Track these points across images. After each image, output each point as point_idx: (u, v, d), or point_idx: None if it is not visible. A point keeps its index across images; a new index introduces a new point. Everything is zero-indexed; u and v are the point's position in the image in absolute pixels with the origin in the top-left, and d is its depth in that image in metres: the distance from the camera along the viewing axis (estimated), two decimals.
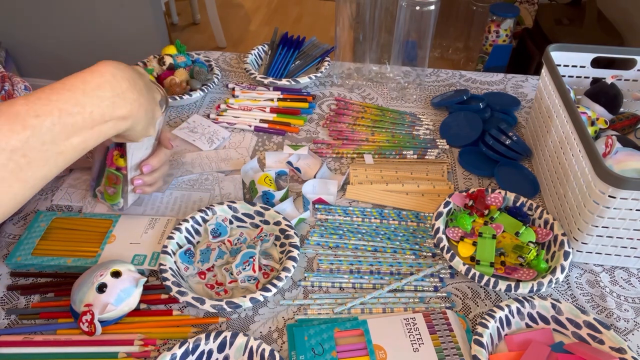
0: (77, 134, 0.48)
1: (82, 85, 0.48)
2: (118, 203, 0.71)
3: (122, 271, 0.59)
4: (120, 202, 0.71)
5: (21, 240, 0.68)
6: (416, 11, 0.92)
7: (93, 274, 0.59)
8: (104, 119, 0.50)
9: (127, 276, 0.59)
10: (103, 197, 0.72)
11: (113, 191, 0.70)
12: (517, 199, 0.74)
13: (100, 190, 0.72)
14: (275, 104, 0.97)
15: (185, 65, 0.99)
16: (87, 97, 0.48)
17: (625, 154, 0.68)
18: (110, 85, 0.50)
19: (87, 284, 0.58)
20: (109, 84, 0.50)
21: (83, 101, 0.48)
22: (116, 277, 0.59)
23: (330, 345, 0.57)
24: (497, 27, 2.05)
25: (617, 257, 0.68)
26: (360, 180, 0.81)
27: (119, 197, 0.70)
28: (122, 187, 0.69)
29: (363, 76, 1.08)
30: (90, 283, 0.58)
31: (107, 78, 0.50)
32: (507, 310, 0.59)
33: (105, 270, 0.59)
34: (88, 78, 0.49)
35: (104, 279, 0.58)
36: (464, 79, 1.08)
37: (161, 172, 0.72)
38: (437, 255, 0.70)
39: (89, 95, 0.48)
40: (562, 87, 0.71)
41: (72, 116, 0.47)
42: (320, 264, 0.68)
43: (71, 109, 0.47)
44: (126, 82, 0.52)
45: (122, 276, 0.59)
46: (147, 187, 0.71)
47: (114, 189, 0.69)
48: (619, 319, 0.63)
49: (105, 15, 2.05)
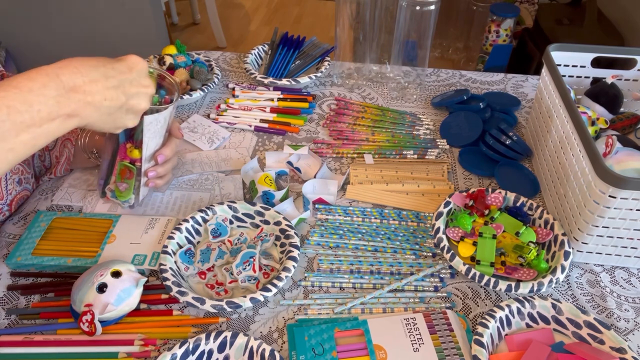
0: (26, 131, 0.49)
1: (28, 84, 0.49)
2: (129, 199, 0.71)
3: (122, 271, 0.59)
4: (131, 198, 0.71)
5: (21, 240, 0.68)
6: (416, 11, 0.92)
7: (93, 274, 0.58)
8: (51, 117, 0.51)
9: (127, 276, 0.59)
10: (114, 195, 0.71)
11: (125, 187, 0.69)
12: (517, 199, 0.74)
13: (111, 189, 0.71)
14: (276, 104, 0.97)
15: (186, 65, 0.99)
16: (33, 95, 0.49)
17: (626, 154, 0.68)
18: (55, 84, 0.51)
19: (87, 283, 0.58)
20: (53, 83, 0.51)
21: (30, 99, 0.49)
22: (116, 277, 0.59)
23: (331, 345, 0.57)
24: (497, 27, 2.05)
25: (617, 257, 0.68)
26: (361, 180, 0.81)
27: (130, 193, 0.70)
28: (135, 181, 0.69)
29: (363, 76, 1.08)
30: (91, 283, 0.58)
31: (52, 77, 0.51)
32: (508, 310, 0.59)
33: (105, 270, 0.59)
34: (34, 76, 0.50)
35: (104, 279, 0.58)
36: (464, 79, 1.08)
37: (172, 163, 0.73)
38: (437, 255, 0.70)
39: (35, 94, 0.49)
40: (562, 87, 0.71)
41: (20, 114, 0.48)
42: (320, 264, 0.68)
43: (19, 106, 0.48)
44: (72, 82, 0.52)
45: (122, 276, 0.59)
46: (159, 179, 0.72)
47: (127, 185, 0.69)
48: (619, 319, 0.63)
49: (105, 15, 2.05)
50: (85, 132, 0.76)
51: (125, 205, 0.72)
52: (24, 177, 0.74)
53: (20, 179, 0.73)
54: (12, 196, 0.72)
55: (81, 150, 0.76)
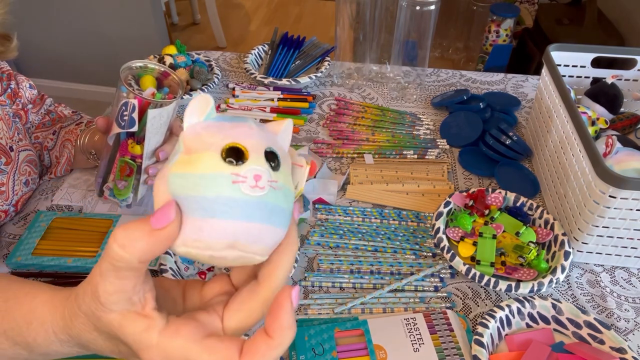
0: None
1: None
2: (127, 198, 0.70)
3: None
4: (129, 197, 0.70)
5: (21, 240, 0.68)
6: (416, 11, 0.92)
7: None
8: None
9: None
10: (112, 194, 0.71)
11: (124, 185, 0.69)
12: (517, 199, 0.74)
13: (109, 187, 0.71)
14: (276, 104, 0.97)
15: (186, 65, 0.99)
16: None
17: (626, 154, 0.68)
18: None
19: None
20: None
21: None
22: None
23: (331, 345, 0.57)
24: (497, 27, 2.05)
25: (617, 257, 0.68)
26: (361, 180, 0.81)
27: (129, 191, 0.69)
28: (134, 180, 0.69)
29: (363, 76, 1.08)
30: None
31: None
32: (508, 310, 0.59)
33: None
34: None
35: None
36: (464, 79, 1.08)
37: None
38: (437, 255, 0.70)
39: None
40: (562, 87, 0.71)
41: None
42: (320, 264, 0.68)
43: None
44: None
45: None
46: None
47: (125, 182, 0.69)
48: (619, 319, 0.63)
49: (105, 15, 2.05)
50: (84, 132, 0.76)
51: (122, 204, 0.72)
52: (31, 178, 0.74)
53: (27, 180, 0.73)
54: (19, 197, 0.72)
55: (80, 151, 0.76)
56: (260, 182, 0.28)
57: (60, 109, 0.84)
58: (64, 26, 2.11)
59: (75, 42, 2.16)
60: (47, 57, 2.23)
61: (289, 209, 0.31)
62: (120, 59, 0.55)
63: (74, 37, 2.14)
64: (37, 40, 2.18)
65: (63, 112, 0.84)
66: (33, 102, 0.80)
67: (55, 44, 2.18)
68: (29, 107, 0.79)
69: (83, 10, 2.05)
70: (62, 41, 2.17)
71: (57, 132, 0.80)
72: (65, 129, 0.80)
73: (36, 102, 0.81)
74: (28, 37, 2.18)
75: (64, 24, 2.11)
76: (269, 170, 0.29)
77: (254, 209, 0.28)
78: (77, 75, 2.28)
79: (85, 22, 2.09)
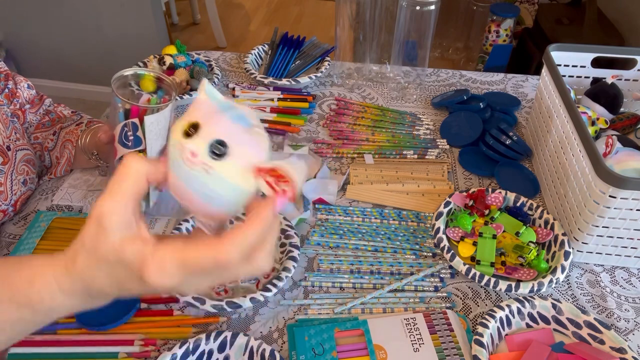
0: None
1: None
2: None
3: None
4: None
5: (21, 240, 0.68)
6: (416, 11, 0.92)
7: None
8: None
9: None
10: None
11: None
12: (517, 199, 0.74)
13: None
14: (276, 104, 0.97)
15: (186, 65, 0.99)
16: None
17: (626, 154, 0.68)
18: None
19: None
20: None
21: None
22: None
23: (331, 345, 0.57)
24: (497, 27, 2.04)
25: (617, 257, 0.68)
26: (361, 180, 0.81)
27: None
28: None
29: (363, 76, 1.08)
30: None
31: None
32: (508, 310, 0.59)
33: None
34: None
35: None
36: (464, 79, 1.08)
37: None
38: (437, 255, 0.70)
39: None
40: (562, 87, 0.71)
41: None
42: (320, 264, 0.68)
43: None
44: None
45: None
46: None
47: None
48: (619, 319, 0.63)
49: (105, 15, 2.05)
50: (85, 133, 0.76)
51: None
52: (29, 177, 0.74)
53: (25, 180, 0.73)
54: (17, 196, 0.72)
55: (81, 151, 0.76)
56: (196, 159, 0.34)
57: (59, 109, 0.84)
58: (64, 26, 2.11)
59: (75, 42, 2.16)
60: (47, 57, 2.23)
61: (229, 198, 0.36)
62: (121, 59, 0.55)
63: (74, 37, 2.14)
64: (37, 40, 2.18)
65: (62, 113, 0.84)
66: (31, 102, 0.80)
67: (55, 44, 2.18)
68: (27, 107, 0.79)
69: (83, 10, 2.05)
70: (62, 41, 2.16)
71: (57, 133, 0.80)
72: (65, 129, 0.80)
73: (34, 102, 0.81)
74: (28, 37, 2.18)
75: (64, 24, 2.11)
76: (208, 155, 0.34)
77: (189, 176, 0.35)
78: (77, 75, 2.28)
79: (86, 22, 2.09)
